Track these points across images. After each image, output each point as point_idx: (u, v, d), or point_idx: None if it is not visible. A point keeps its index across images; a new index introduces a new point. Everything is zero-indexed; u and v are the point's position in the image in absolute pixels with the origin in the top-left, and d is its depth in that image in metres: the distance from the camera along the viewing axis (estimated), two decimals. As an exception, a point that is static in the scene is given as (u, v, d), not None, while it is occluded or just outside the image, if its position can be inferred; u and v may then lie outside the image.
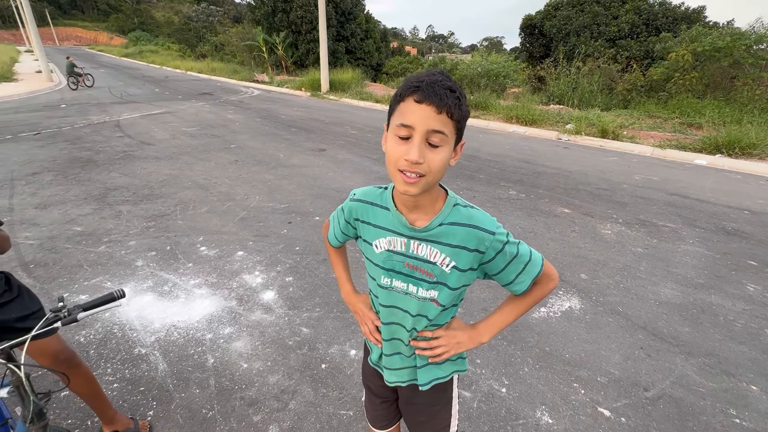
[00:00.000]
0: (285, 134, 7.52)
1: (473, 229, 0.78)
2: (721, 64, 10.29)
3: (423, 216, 0.81)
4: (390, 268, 0.86)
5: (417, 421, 1.04)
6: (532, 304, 0.90)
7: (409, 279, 0.85)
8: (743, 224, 3.82)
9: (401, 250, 0.83)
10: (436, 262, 0.81)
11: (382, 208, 0.86)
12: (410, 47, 49.57)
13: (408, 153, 0.68)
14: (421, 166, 0.68)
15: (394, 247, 0.84)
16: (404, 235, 0.82)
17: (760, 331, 2.30)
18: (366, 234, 0.89)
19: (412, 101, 0.68)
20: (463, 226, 0.79)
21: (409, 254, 0.83)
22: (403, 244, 0.83)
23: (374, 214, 0.87)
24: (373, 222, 0.87)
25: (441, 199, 0.81)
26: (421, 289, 0.84)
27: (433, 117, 0.67)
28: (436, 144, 0.68)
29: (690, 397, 1.85)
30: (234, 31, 32.31)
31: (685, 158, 6.52)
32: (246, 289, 2.62)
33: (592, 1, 20.69)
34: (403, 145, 0.69)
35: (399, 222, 0.82)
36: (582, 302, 2.55)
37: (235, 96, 13.74)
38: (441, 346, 0.89)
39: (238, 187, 4.51)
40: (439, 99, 0.66)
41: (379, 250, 0.86)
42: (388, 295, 0.89)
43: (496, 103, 10.72)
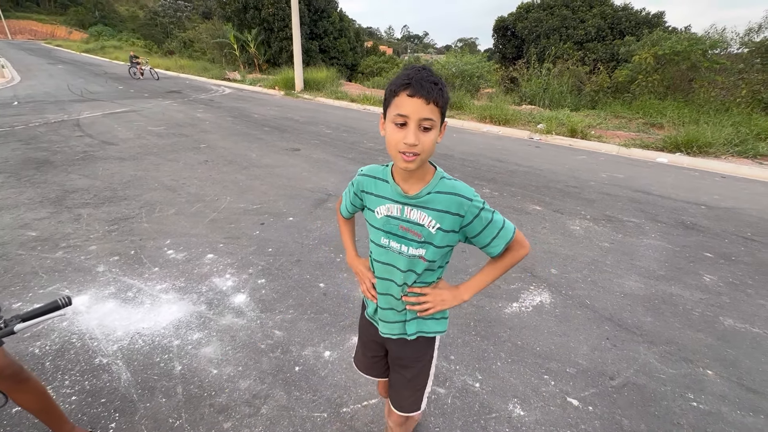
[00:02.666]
0: (258, 134, 7.36)
1: (455, 196, 0.94)
2: (680, 67, 10.87)
3: (415, 185, 0.97)
4: (388, 230, 1.02)
5: (401, 377, 1.19)
6: (506, 268, 1.05)
7: (402, 240, 1.01)
8: (700, 218, 4.04)
9: (397, 215, 1.00)
10: (424, 224, 0.97)
11: (383, 180, 1.03)
12: (385, 47, 49.64)
13: (406, 137, 0.85)
14: (417, 147, 0.86)
15: (391, 213, 1.01)
16: (399, 202, 0.99)
17: (715, 319, 2.43)
18: (369, 203, 1.07)
19: (405, 95, 0.84)
20: (446, 194, 0.95)
21: (402, 218, 0.99)
22: (399, 209, 1.00)
23: (377, 186, 1.04)
24: (375, 192, 1.04)
25: (430, 173, 0.98)
26: (411, 248, 1.00)
27: (423, 107, 0.83)
28: (428, 127, 0.86)
29: (652, 383, 1.93)
30: (204, 27, 31.35)
31: (648, 156, 6.84)
32: (216, 292, 2.54)
33: (561, 5, 21.38)
34: (400, 131, 0.86)
35: (395, 191, 0.99)
36: (552, 296, 2.62)
37: (205, 94, 13.34)
38: (428, 302, 1.05)
39: (209, 188, 4.37)
40: (426, 92, 0.82)
41: (379, 216, 1.03)
42: (385, 253, 1.05)
43: (470, 103, 10.90)
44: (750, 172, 5.97)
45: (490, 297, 2.58)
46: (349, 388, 1.84)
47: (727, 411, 1.79)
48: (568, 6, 20.90)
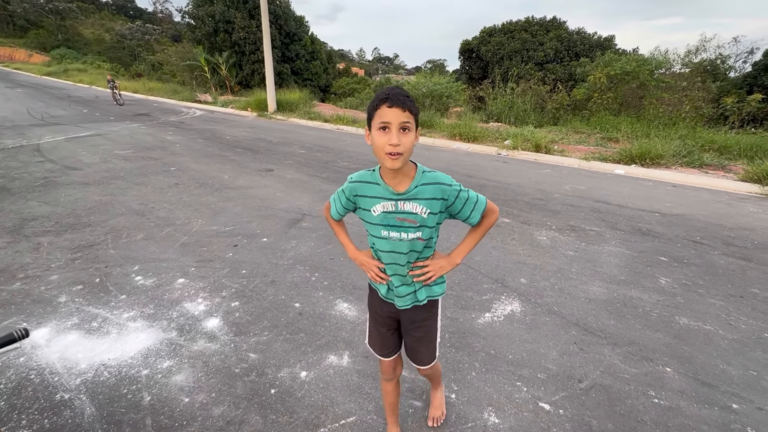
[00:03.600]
0: (230, 155, 7.30)
1: (438, 185, 1.18)
2: (631, 86, 11.71)
3: (403, 182, 1.18)
4: (386, 224, 1.22)
5: (416, 338, 1.43)
6: (484, 232, 1.32)
7: (400, 229, 1.22)
8: (655, 225, 4.32)
9: (392, 209, 1.20)
10: (418, 212, 1.19)
11: (374, 183, 1.22)
12: (357, 68, 50.69)
13: (390, 139, 1.06)
14: (399, 147, 1.07)
15: (387, 209, 1.21)
16: (392, 199, 1.19)
17: (671, 319, 2.60)
18: (364, 204, 1.25)
19: (385, 107, 1.06)
20: (431, 184, 1.18)
21: (398, 211, 1.20)
22: (393, 205, 1.20)
23: (368, 189, 1.23)
24: (368, 194, 1.23)
25: (413, 170, 1.19)
26: (410, 233, 1.22)
27: (401, 114, 1.05)
28: (407, 129, 1.07)
29: (617, 383, 2.03)
30: (173, 50, 31.11)
31: (607, 169, 7.27)
32: (187, 318, 2.48)
33: (520, 29, 22.71)
34: (384, 135, 1.08)
35: (387, 191, 1.19)
36: (522, 305, 2.72)
37: (176, 117, 13.13)
38: (430, 271, 1.29)
39: (179, 211, 4.29)
40: (402, 103, 1.05)
41: (376, 213, 1.22)
42: (387, 243, 1.25)
43: (441, 121, 11.26)
44: (697, 180, 6.44)
45: (463, 309, 2.64)
46: (326, 407, 1.84)
47: (686, 405, 1.90)
48: (527, 30, 22.22)
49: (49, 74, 34.95)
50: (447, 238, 3.70)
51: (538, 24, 22.88)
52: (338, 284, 2.91)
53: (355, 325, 2.44)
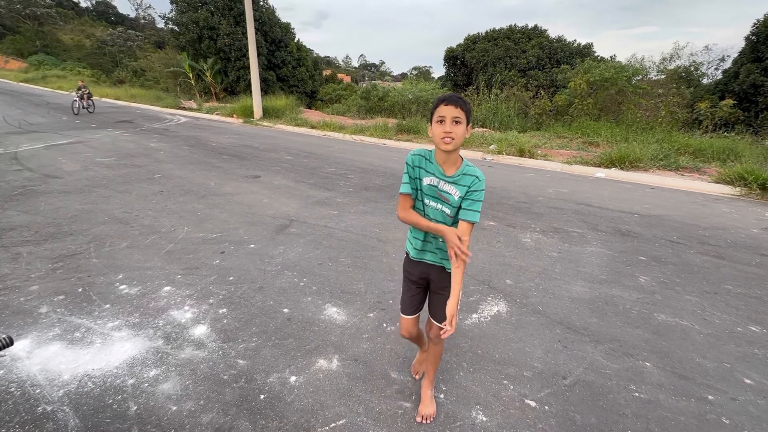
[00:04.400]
0: (216, 162, 7.24)
1: (474, 177, 1.49)
2: (610, 92, 12.07)
3: (451, 168, 1.51)
4: (429, 194, 1.55)
5: (442, 296, 1.68)
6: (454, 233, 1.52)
7: (438, 200, 1.55)
8: (634, 226, 4.46)
9: (435, 185, 1.53)
10: (452, 194, 1.51)
11: (429, 161, 1.53)
12: (344, 75, 50.89)
13: (444, 129, 1.39)
14: (451, 134, 1.39)
15: (432, 183, 1.53)
16: (439, 177, 1.51)
17: (650, 315, 2.69)
18: (420, 174, 1.55)
19: (442, 105, 1.39)
20: (470, 175, 1.49)
21: (438, 188, 1.53)
22: (437, 182, 1.52)
23: (425, 164, 1.54)
24: (424, 167, 1.54)
25: (460, 161, 1.52)
26: (444, 206, 1.54)
27: (454, 110, 1.38)
28: (458, 122, 1.39)
29: (600, 379, 2.09)
30: (156, 56, 30.75)
31: (588, 172, 7.47)
32: (174, 326, 2.45)
33: (503, 37, 23.21)
34: (440, 126, 1.40)
35: (438, 170, 1.51)
36: (508, 306, 2.77)
37: (159, 123, 12.96)
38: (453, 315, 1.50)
39: (164, 219, 4.24)
40: (455, 102, 1.38)
41: (425, 183, 1.54)
42: (429, 209, 1.58)
43: (426, 127, 11.39)
44: (673, 182, 6.68)
45: (451, 310, 2.68)
46: (316, 411, 1.84)
47: (664, 398, 1.98)
48: (509, 38, 22.72)
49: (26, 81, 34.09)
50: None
51: (520, 32, 23.44)
52: (327, 289, 2.93)
53: (345, 329, 2.45)
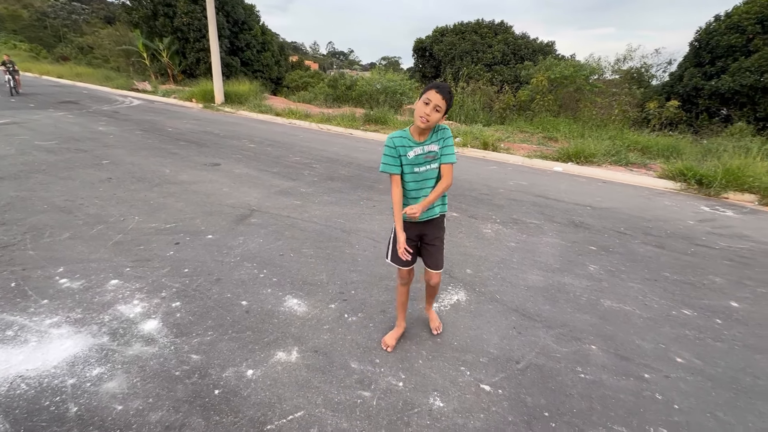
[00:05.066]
0: (172, 148, 6.85)
1: (441, 130, 1.90)
2: (569, 89, 12.60)
3: (424, 137, 1.88)
4: (417, 162, 1.90)
5: (435, 246, 2.09)
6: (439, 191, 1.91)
7: (427, 162, 1.90)
8: (587, 218, 4.71)
9: (422, 152, 1.88)
10: (435, 150, 1.88)
11: (407, 138, 1.89)
12: (311, 62, 49.60)
13: (425, 111, 1.74)
14: (429, 116, 1.74)
15: (417, 153, 1.88)
16: (420, 145, 1.88)
17: (597, 302, 2.86)
18: (403, 151, 1.89)
19: (433, 91, 1.72)
20: (438, 131, 1.90)
21: (425, 152, 1.88)
22: (421, 149, 1.88)
23: (405, 141, 1.89)
24: (404, 145, 1.89)
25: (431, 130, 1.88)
26: (433, 165, 1.91)
27: (440, 100, 1.72)
28: (438, 110, 1.74)
29: (550, 362, 2.21)
30: (106, 32, 28.53)
31: (547, 166, 7.78)
32: (121, 321, 2.31)
33: (471, 31, 23.50)
34: (424, 107, 1.74)
35: (414, 142, 1.88)
36: (467, 294, 2.85)
37: (109, 105, 12.06)
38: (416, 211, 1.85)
39: (112, 208, 3.96)
40: (443, 93, 1.72)
41: (411, 156, 1.88)
42: (420, 175, 1.92)
43: (394, 117, 11.38)
44: (623, 177, 7.11)
45: (412, 300, 2.72)
46: (273, 404, 1.81)
47: (606, 378, 2.12)
48: (477, 32, 23.05)
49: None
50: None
51: (487, 27, 23.83)
52: (288, 280, 2.87)
53: (305, 321, 2.42)
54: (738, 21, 15.75)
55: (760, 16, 15.34)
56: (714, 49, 16.50)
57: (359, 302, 2.66)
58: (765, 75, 14.69)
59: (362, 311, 2.56)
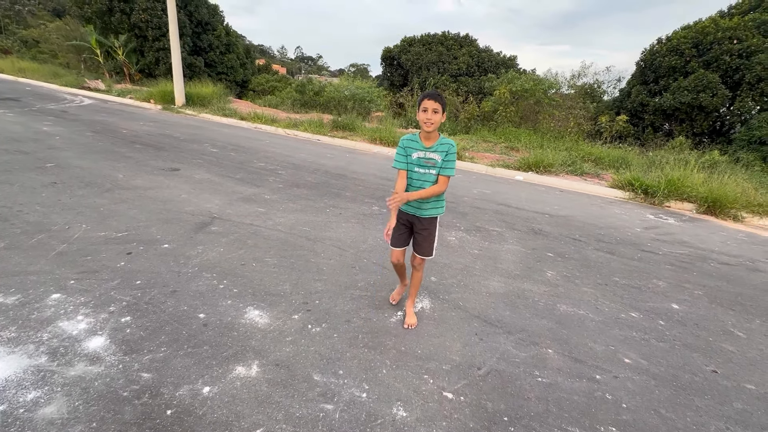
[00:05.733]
0: (126, 151, 6.48)
1: (447, 144, 2.20)
2: (529, 102, 13.22)
3: (430, 142, 2.21)
4: (419, 164, 2.24)
5: (422, 236, 2.40)
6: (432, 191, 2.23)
7: (426, 166, 2.23)
8: (545, 225, 4.94)
9: (423, 156, 2.21)
10: (436, 159, 2.20)
11: (415, 141, 2.24)
12: (279, 66, 48.89)
13: (426, 116, 2.10)
14: (431, 120, 2.10)
15: (420, 156, 2.21)
16: (423, 149, 2.21)
17: (554, 307, 2.99)
18: (410, 152, 2.24)
19: (426, 100, 2.10)
20: (444, 143, 2.21)
21: (425, 157, 2.21)
22: (424, 153, 2.21)
23: (412, 144, 2.24)
24: (412, 147, 2.24)
25: (437, 136, 2.22)
26: (431, 170, 2.23)
27: (434, 104, 2.09)
28: (436, 111, 2.10)
29: (509, 368, 2.27)
30: (54, 26, 26.73)
31: (509, 175, 8.10)
32: (63, 339, 2.14)
33: (437, 42, 24.14)
34: (423, 114, 2.11)
35: (422, 146, 2.21)
36: (432, 302, 2.89)
37: (56, 104, 11.25)
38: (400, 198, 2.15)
39: (56, 216, 3.68)
40: (434, 98, 2.10)
41: (414, 157, 2.23)
42: (420, 176, 2.26)
43: (362, 125, 11.42)
44: (579, 186, 7.53)
45: (377, 308, 2.72)
46: (230, 423, 1.74)
47: (562, 380, 2.21)
48: (443, 44, 23.71)
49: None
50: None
51: (453, 39, 24.57)
52: (249, 291, 2.78)
53: (266, 333, 2.35)
54: (677, 44, 17.27)
55: (695, 40, 16.91)
56: (657, 69, 17.96)
57: (323, 312, 2.62)
58: (700, 94, 16.16)
59: (326, 321, 2.53)
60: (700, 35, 16.80)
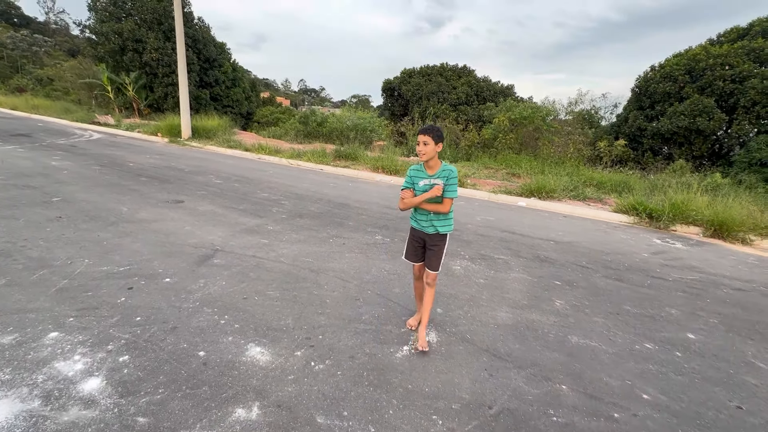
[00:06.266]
0: (132, 184, 6.57)
1: (448, 170, 2.49)
2: (528, 129, 13.44)
3: (433, 170, 2.52)
4: (425, 190, 2.51)
5: (432, 251, 2.62)
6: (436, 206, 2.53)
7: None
8: (551, 252, 4.87)
9: (428, 183, 2.50)
10: (440, 183, 2.47)
11: (420, 171, 2.56)
12: (282, 98, 50.41)
13: (419, 149, 2.47)
14: (423, 150, 2.45)
15: (426, 183, 2.51)
16: (428, 177, 2.51)
17: (565, 338, 2.89)
18: (416, 180, 2.55)
19: (419, 134, 2.46)
20: (445, 170, 2.49)
21: (430, 184, 2.49)
22: (429, 180, 2.51)
23: (418, 173, 2.56)
24: (418, 176, 2.55)
25: (440, 164, 2.52)
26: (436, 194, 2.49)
27: (422, 136, 2.44)
28: (427, 143, 2.42)
29: (522, 406, 2.17)
30: (69, 65, 27.93)
31: (512, 201, 8.10)
32: (58, 381, 2.07)
33: (436, 73, 24.90)
34: (418, 147, 2.47)
35: (426, 174, 2.53)
36: (438, 335, 2.80)
37: (66, 139, 11.55)
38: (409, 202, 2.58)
39: (59, 250, 3.67)
40: (425, 133, 2.44)
41: (421, 184, 2.53)
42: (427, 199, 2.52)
43: (364, 154, 11.60)
44: (582, 211, 7.50)
45: (382, 343, 2.64)
46: (229, 471, 1.64)
47: (578, 420, 2.10)
48: (442, 74, 24.46)
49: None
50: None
51: (451, 70, 25.38)
52: (251, 326, 2.71)
53: (268, 371, 2.27)
54: (670, 71, 17.73)
55: (688, 67, 17.36)
56: (652, 95, 18.35)
57: (327, 348, 2.54)
58: (697, 118, 16.40)
59: (330, 358, 2.44)
60: (692, 62, 17.26)
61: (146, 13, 21.70)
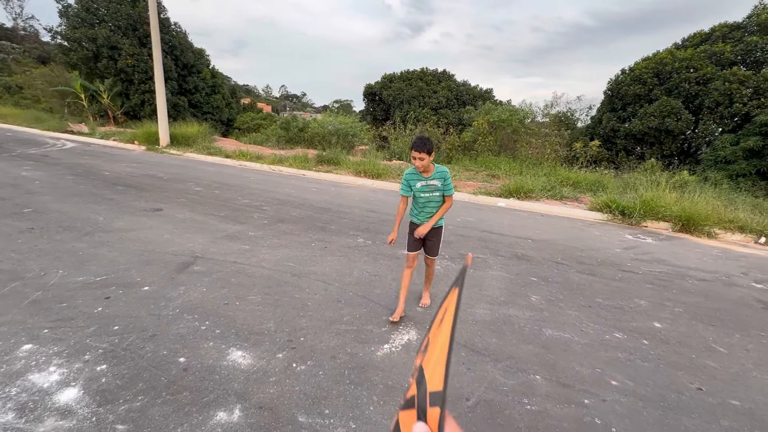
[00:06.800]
0: (108, 194, 6.43)
1: (441, 172, 2.88)
2: (507, 131, 13.76)
3: (428, 174, 2.86)
4: (423, 190, 2.90)
5: (432, 241, 3.10)
6: (443, 211, 2.99)
7: (429, 191, 2.90)
8: (528, 250, 5.02)
9: (425, 184, 2.88)
10: (436, 184, 2.87)
11: (417, 174, 2.88)
12: (264, 104, 50.01)
13: (415, 163, 2.79)
14: (419, 164, 2.76)
15: (423, 184, 2.88)
16: (424, 180, 2.87)
17: (539, 331, 3.01)
18: (413, 183, 2.91)
19: (413, 150, 2.74)
20: (439, 172, 2.88)
21: (427, 184, 2.88)
22: (425, 182, 2.87)
23: (415, 176, 2.90)
24: (414, 179, 2.90)
25: (433, 167, 2.86)
26: (434, 193, 2.91)
27: (418, 154, 2.72)
28: (422, 159, 2.73)
29: (498, 396, 2.25)
30: (39, 72, 27.03)
31: (491, 202, 8.28)
32: (33, 393, 2.04)
33: (417, 78, 25.21)
34: (414, 161, 2.78)
35: (422, 177, 2.87)
36: (418, 333, 2.87)
37: (37, 149, 11.19)
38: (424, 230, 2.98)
39: (31, 262, 3.59)
40: (417, 148, 2.72)
41: (418, 186, 2.90)
42: (426, 198, 2.93)
43: (346, 159, 11.64)
44: (559, 210, 7.74)
45: (363, 342, 2.69)
46: (210, 473, 1.66)
47: (551, 407, 2.20)
48: (422, 79, 24.78)
49: None
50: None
51: (431, 74, 25.76)
52: (232, 331, 2.72)
53: (249, 374, 2.29)
54: (639, 74, 18.45)
55: (655, 70, 18.12)
56: (623, 97, 19.04)
57: (308, 349, 2.58)
58: (666, 119, 17.11)
59: (311, 359, 2.48)
60: (659, 65, 18.03)
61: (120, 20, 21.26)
